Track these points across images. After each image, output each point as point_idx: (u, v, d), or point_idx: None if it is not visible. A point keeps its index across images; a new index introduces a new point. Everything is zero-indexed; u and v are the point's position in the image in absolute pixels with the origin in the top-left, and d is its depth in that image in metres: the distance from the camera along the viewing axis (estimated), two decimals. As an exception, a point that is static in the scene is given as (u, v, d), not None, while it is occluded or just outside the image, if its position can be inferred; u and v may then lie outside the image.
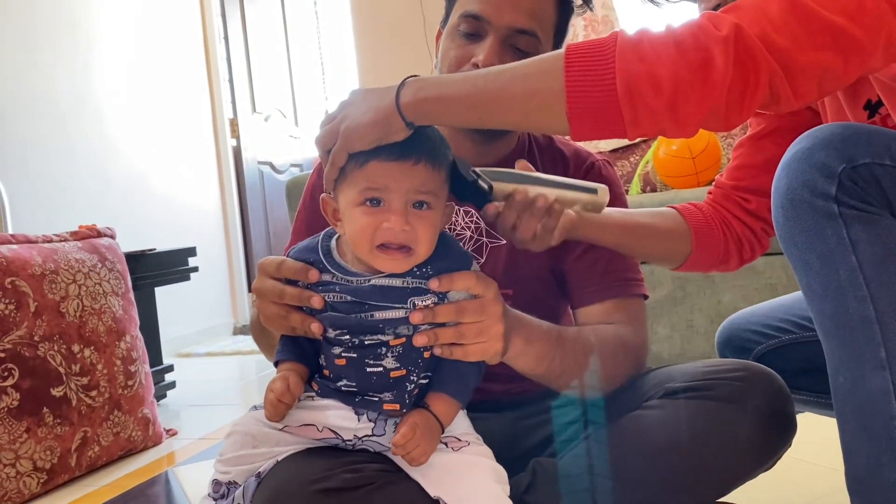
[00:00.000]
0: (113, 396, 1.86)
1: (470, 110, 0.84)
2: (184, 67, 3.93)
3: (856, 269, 0.76)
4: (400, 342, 0.85)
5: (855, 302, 0.77)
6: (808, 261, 0.80)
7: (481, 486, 0.85)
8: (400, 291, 0.84)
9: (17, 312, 1.68)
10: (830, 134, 0.79)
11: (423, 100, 0.83)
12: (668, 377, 1.00)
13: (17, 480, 1.62)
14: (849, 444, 0.82)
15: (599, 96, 0.77)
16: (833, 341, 0.81)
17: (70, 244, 1.93)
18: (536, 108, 0.81)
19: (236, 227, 4.25)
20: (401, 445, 0.83)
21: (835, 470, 1.37)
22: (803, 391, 1.13)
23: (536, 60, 0.83)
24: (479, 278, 0.86)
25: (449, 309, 0.84)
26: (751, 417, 0.92)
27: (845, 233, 0.77)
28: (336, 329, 0.86)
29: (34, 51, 2.98)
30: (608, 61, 0.77)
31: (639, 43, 0.77)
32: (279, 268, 0.89)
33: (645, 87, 0.75)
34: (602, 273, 1.08)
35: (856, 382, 0.79)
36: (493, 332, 0.86)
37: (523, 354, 0.92)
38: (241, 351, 3.49)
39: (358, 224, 0.84)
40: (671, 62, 0.75)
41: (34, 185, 2.89)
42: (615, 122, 0.78)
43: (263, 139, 4.50)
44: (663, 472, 0.93)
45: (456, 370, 0.87)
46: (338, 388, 0.87)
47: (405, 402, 0.87)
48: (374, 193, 0.83)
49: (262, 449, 0.90)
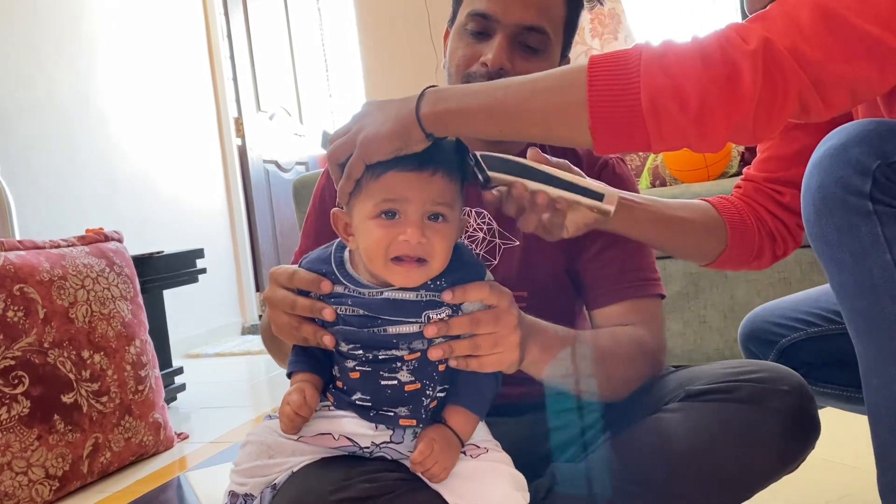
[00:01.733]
0: (123, 402, 1.85)
1: (490, 123, 0.82)
2: (187, 66, 3.92)
3: (891, 268, 0.75)
4: (414, 357, 0.83)
5: (890, 301, 0.75)
6: (840, 259, 0.78)
7: (500, 493, 0.84)
8: (413, 305, 0.83)
9: (25, 319, 1.67)
10: (863, 130, 0.77)
11: (444, 111, 0.82)
12: (687, 379, 0.98)
13: (30, 488, 1.61)
14: (882, 447, 0.80)
15: (624, 111, 0.76)
16: (866, 341, 0.79)
17: (78, 249, 1.92)
18: (559, 122, 0.80)
19: (243, 226, 4.24)
20: (419, 462, 0.82)
21: (857, 469, 1.37)
22: (828, 384, 1.12)
23: (559, 73, 0.82)
24: (493, 288, 0.85)
25: (463, 321, 0.83)
26: (773, 420, 0.91)
27: (880, 231, 0.75)
28: (349, 343, 0.84)
29: (37, 53, 2.97)
30: (633, 75, 0.75)
31: (664, 56, 0.76)
32: (291, 278, 0.88)
33: (670, 102, 0.74)
34: (618, 273, 1.07)
35: (890, 383, 0.77)
36: (509, 342, 0.84)
37: (539, 362, 0.91)
38: (250, 351, 3.48)
39: (373, 237, 0.82)
40: (697, 76, 0.74)
41: (40, 188, 2.88)
42: (640, 136, 0.77)
43: (268, 138, 4.49)
44: (684, 475, 0.92)
45: (473, 382, 0.86)
46: (352, 401, 0.86)
47: (421, 416, 0.85)
48: (390, 205, 0.82)
49: (277, 459, 0.89)
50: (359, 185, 0.84)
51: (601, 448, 0.99)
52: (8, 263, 1.69)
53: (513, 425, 1.04)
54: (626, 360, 0.98)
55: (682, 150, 2.48)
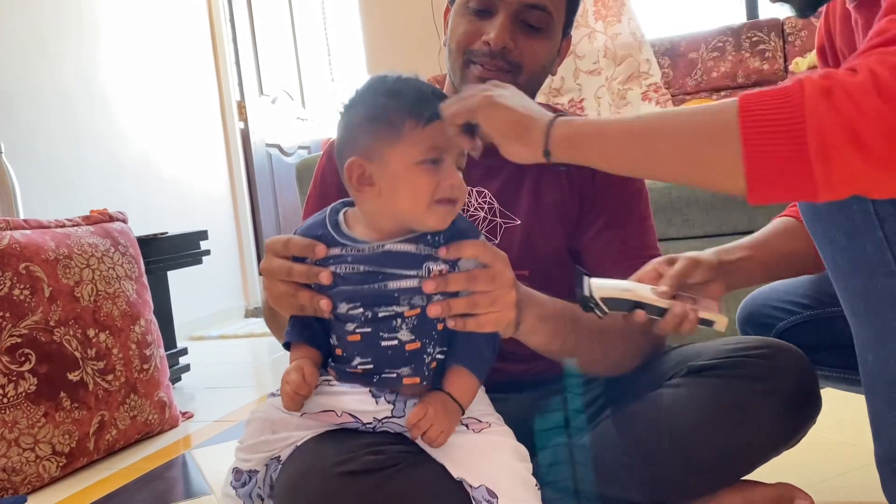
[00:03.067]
0: (129, 380, 1.87)
1: (625, 146, 0.78)
2: (190, 50, 3.91)
3: (884, 245, 0.75)
4: (415, 313, 0.84)
5: (884, 277, 0.76)
6: (833, 237, 0.79)
7: (504, 465, 0.85)
8: (414, 257, 0.84)
9: (31, 298, 1.68)
10: None
11: (576, 135, 0.80)
12: (690, 355, 0.99)
13: (37, 464, 1.63)
14: (878, 423, 0.81)
15: (787, 156, 0.67)
16: (861, 319, 0.80)
17: (83, 229, 1.93)
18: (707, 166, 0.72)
19: (246, 210, 4.25)
20: (414, 424, 0.83)
21: (854, 446, 1.38)
22: (825, 367, 1.13)
23: (707, 110, 0.74)
24: (488, 247, 0.86)
25: (460, 277, 0.84)
26: (776, 395, 0.92)
27: (871, 208, 0.75)
28: (350, 303, 0.85)
29: (41, 36, 2.97)
30: (797, 112, 0.66)
31: (830, 91, 0.66)
32: (286, 245, 0.88)
33: (845, 145, 0.65)
34: (619, 252, 1.08)
35: (885, 360, 0.78)
36: (506, 301, 0.85)
37: (537, 331, 0.91)
38: (253, 333, 3.50)
39: (422, 181, 0.83)
40: (877, 113, 0.64)
41: (44, 171, 2.89)
42: (804, 184, 0.67)
43: (271, 122, 4.48)
44: (686, 450, 0.93)
45: (470, 342, 0.86)
46: (354, 368, 0.86)
47: (424, 374, 0.86)
48: (437, 153, 0.83)
49: (281, 434, 0.90)
50: (397, 133, 0.83)
51: (603, 423, 1.01)
52: (14, 242, 1.70)
53: (515, 402, 1.05)
54: (624, 335, 0.99)
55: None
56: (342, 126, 0.88)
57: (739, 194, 0.71)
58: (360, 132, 0.85)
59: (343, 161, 0.86)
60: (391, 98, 0.84)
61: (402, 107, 0.83)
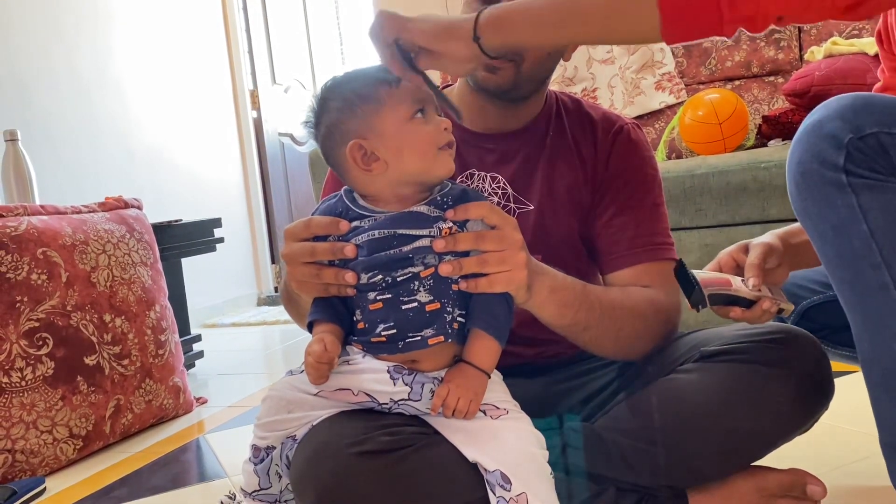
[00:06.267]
0: (144, 365, 1.89)
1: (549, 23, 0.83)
2: (204, 39, 3.93)
3: (868, 237, 0.77)
4: (429, 272, 0.86)
5: (871, 269, 0.78)
6: (822, 231, 0.81)
7: (522, 451, 0.85)
8: (427, 217, 0.87)
9: (49, 282, 1.70)
10: (840, 105, 0.79)
11: (502, 15, 0.83)
12: (703, 340, 0.99)
13: (55, 447, 1.66)
14: (879, 411, 0.82)
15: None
16: (853, 309, 0.81)
17: (98, 215, 1.95)
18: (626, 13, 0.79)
19: (258, 199, 4.26)
20: (441, 404, 0.85)
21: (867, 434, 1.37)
22: (846, 347, 1.12)
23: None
24: (495, 209, 0.87)
25: (468, 236, 0.85)
26: (789, 381, 0.92)
27: (855, 202, 0.77)
28: (369, 272, 0.86)
29: (57, 24, 2.98)
30: None
31: None
32: (308, 226, 0.89)
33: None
34: (631, 238, 1.08)
35: (879, 348, 0.79)
36: (516, 260, 0.85)
37: (548, 302, 0.92)
38: (265, 321, 3.52)
39: (423, 132, 0.88)
40: None
41: (59, 157, 2.91)
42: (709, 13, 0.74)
43: (284, 110, 4.49)
44: (699, 435, 0.94)
45: (486, 305, 0.87)
46: (378, 336, 0.87)
47: (448, 332, 0.86)
48: (420, 104, 0.88)
49: (297, 413, 0.91)
50: (379, 102, 0.87)
51: (616, 408, 1.01)
52: (31, 227, 1.71)
53: (527, 386, 1.05)
54: (637, 314, 0.99)
55: (696, 117, 2.41)
56: (323, 134, 0.91)
57: (655, 36, 0.77)
58: (344, 123, 0.88)
59: (340, 159, 0.90)
60: (354, 82, 0.90)
61: (369, 81, 0.89)
